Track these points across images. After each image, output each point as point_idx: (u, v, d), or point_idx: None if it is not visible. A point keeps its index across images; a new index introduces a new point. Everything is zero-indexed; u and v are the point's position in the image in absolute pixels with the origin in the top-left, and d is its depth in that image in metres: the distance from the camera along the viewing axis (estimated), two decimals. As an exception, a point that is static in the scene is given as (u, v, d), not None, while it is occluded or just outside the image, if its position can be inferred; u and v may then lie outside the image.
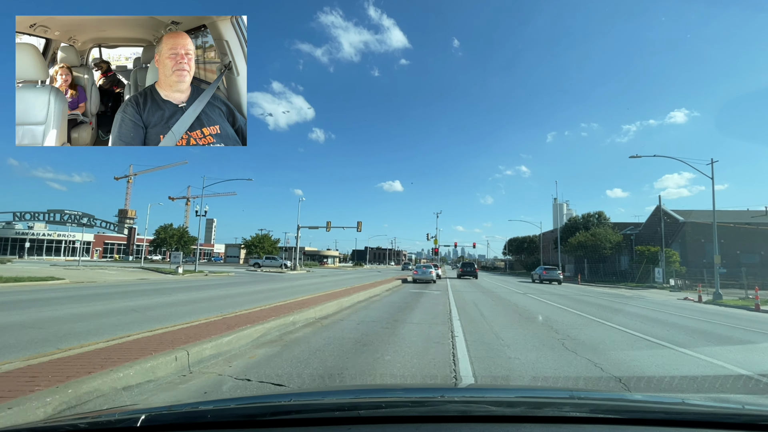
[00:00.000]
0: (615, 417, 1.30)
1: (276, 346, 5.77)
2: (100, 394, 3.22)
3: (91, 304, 10.24)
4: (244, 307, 8.94)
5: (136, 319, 7.86)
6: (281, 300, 10.59)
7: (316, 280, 27.26)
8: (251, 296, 13.87)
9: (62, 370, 3.50)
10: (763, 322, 11.66)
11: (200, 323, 6.48)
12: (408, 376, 4.39)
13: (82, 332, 6.31)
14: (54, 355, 4.12)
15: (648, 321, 10.47)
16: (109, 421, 1.25)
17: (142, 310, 9.18)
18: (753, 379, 4.73)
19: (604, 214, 52.54)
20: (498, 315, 10.63)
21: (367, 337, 6.62)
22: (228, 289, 16.96)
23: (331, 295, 12.04)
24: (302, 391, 3.01)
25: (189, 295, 13.72)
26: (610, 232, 43.98)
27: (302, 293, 13.77)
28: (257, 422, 1.25)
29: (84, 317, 7.97)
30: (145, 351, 4.31)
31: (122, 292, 13.73)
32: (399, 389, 2.08)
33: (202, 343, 4.87)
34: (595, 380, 4.50)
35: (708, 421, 1.27)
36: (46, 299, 10.85)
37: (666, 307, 15.50)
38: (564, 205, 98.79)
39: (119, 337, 5.14)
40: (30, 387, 2.99)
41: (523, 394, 1.96)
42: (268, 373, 4.36)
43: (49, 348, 4.88)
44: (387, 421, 1.25)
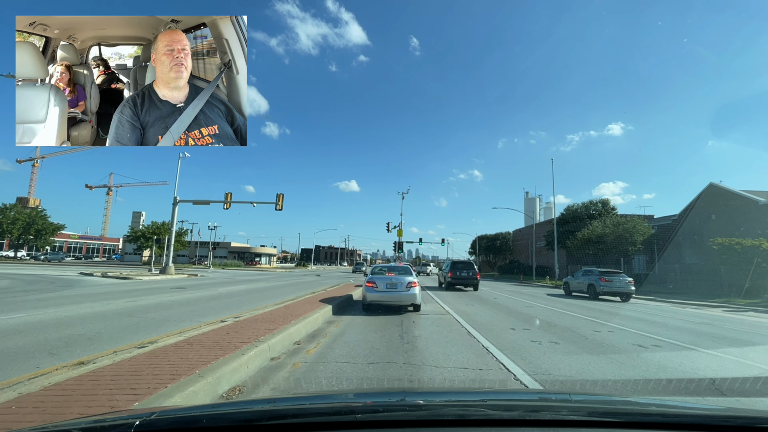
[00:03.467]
0: (612, 420, 1.29)
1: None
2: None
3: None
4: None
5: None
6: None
7: (115, 305, 10.55)
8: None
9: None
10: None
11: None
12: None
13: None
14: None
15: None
16: (102, 427, 1.23)
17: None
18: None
19: (609, 203, 38.59)
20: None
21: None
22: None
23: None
24: (298, 396, 2.93)
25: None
26: (640, 222, 29.62)
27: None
28: (253, 427, 1.23)
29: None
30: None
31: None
32: (396, 393, 1.98)
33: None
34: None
35: (705, 424, 1.26)
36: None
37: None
38: (537, 199, 78.16)
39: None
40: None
41: (521, 397, 1.99)
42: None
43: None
44: (384, 425, 1.23)
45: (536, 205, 73.22)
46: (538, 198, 76.04)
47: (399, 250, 37.30)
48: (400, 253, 38.20)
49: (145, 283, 19.48)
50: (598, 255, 31.93)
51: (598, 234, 30.71)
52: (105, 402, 2.98)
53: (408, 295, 9.87)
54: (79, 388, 3.27)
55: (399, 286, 9.94)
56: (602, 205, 38.26)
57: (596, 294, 17.84)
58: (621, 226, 29.57)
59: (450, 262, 22.45)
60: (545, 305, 14.32)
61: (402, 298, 9.89)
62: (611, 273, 18.18)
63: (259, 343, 5.16)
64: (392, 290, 9.90)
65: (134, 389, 3.25)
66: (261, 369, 4.73)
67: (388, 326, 7.98)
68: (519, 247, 58.92)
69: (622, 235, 28.82)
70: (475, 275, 20.55)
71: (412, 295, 9.89)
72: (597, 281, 17.84)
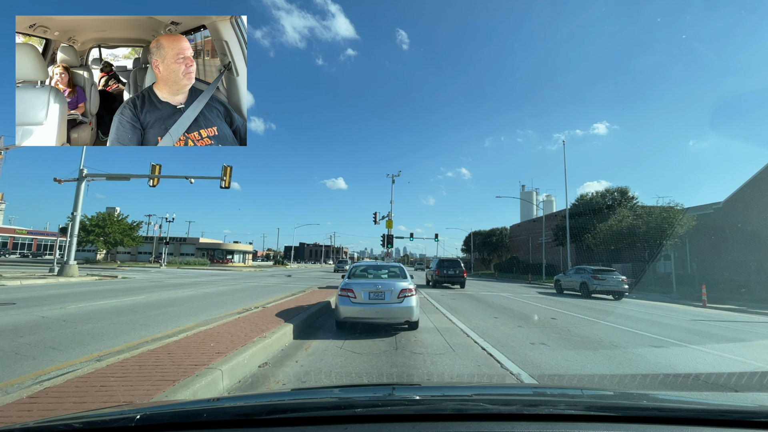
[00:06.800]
0: (610, 414, 1.28)
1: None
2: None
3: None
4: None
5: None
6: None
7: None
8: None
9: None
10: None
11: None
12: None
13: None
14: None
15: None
16: (104, 421, 1.22)
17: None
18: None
19: (628, 191, 32.44)
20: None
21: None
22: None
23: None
24: (298, 389, 3.00)
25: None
26: (679, 213, 23.18)
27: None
28: (253, 421, 1.22)
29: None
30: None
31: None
32: (396, 387, 1.84)
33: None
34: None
35: (701, 419, 1.26)
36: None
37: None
38: (534, 192, 69.11)
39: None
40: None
41: (518, 392, 2.05)
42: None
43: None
44: (384, 419, 1.23)
45: (533, 198, 67.52)
46: (534, 191, 69.90)
47: (388, 244, 29.43)
48: (389, 248, 29.97)
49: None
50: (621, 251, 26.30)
51: (628, 225, 24.77)
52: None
53: (400, 308, 6.87)
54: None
55: (387, 295, 6.93)
56: (620, 194, 32.24)
57: (589, 292, 17.58)
58: (659, 215, 23.37)
59: (437, 260, 22.33)
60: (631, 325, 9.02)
61: (391, 314, 6.86)
62: (604, 271, 17.78)
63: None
64: (377, 302, 6.90)
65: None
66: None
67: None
68: (517, 243, 53.94)
69: (660, 226, 22.66)
70: (462, 273, 20.50)
71: (406, 308, 6.89)
72: (590, 279, 17.58)
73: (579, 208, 33.15)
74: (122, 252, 60.42)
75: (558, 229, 35.56)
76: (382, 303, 6.86)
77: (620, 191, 32.50)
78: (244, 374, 4.25)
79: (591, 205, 32.50)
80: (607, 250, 28.16)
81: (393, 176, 31.86)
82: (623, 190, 32.52)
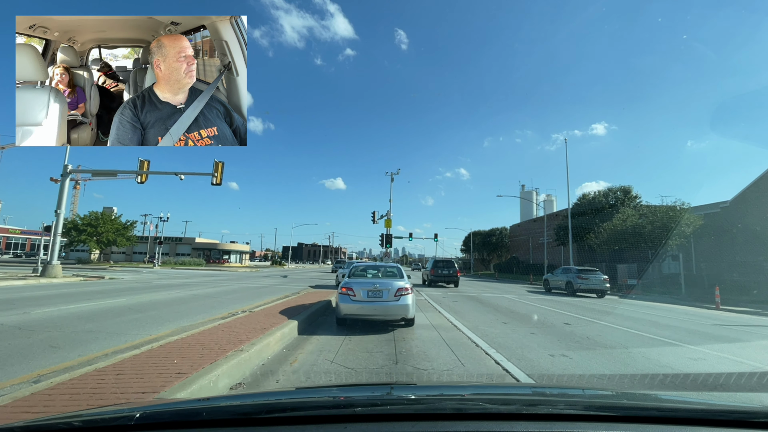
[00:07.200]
0: (608, 414, 1.27)
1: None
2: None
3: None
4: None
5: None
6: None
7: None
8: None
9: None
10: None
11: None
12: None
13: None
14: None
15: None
16: (104, 419, 1.22)
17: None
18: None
19: (631, 190, 31.88)
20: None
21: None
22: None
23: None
24: (298, 389, 2.93)
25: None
26: (685, 212, 22.75)
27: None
28: (253, 420, 1.21)
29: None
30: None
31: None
32: (395, 386, 1.87)
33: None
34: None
35: (700, 419, 1.25)
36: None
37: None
38: (534, 192, 68.37)
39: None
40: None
41: (517, 391, 2.03)
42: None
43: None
44: (383, 418, 1.22)
45: (533, 198, 66.92)
46: (534, 191, 69.27)
47: (387, 244, 29.72)
48: (388, 248, 30.28)
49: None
50: (625, 250, 25.80)
51: (632, 225, 24.50)
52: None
53: (397, 306, 7.27)
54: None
55: (385, 293, 7.33)
56: (623, 193, 31.72)
57: (573, 291, 18.43)
58: (664, 214, 23.25)
59: (432, 260, 23.23)
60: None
61: (389, 311, 7.27)
62: (587, 271, 18.84)
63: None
64: (376, 300, 7.30)
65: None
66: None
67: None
68: (517, 243, 53.76)
69: (666, 226, 22.32)
70: (455, 273, 21.68)
71: (402, 306, 7.29)
72: (574, 279, 18.58)
73: (581, 208, 32.85)
74: (117, 252, 59.43)
75: (559, 228, 35.28)
76: (380, 301, 7.29)
77: (623, 190, 31.96)
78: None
79: (593, 205, 32.09)
80: (610, 250, 27.77)
81: (392, 174, 32.03)
82: (626, 190, 31.97)
